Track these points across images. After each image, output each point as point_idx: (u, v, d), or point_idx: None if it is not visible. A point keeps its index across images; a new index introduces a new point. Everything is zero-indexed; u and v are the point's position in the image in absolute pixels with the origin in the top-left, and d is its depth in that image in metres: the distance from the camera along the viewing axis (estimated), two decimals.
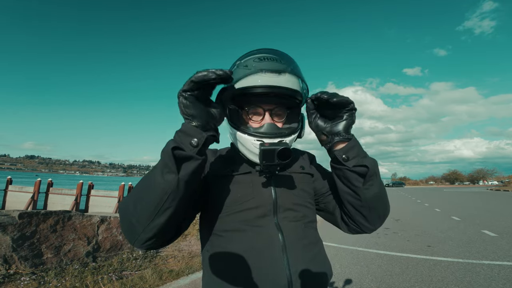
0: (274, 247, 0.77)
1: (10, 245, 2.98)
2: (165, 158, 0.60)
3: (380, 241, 6.13)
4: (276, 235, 0.79)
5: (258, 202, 0.82)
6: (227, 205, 0.82)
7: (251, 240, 0.78)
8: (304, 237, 0.83)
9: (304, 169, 0.93)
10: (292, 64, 0.83)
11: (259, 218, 0.80)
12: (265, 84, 0.78)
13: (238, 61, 0.85)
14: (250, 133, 0.80)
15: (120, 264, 3.49)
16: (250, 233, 0.79)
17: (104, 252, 3.64)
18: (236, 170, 0.85)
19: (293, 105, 0.87)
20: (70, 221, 3.50)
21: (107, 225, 3.79)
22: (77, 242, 3.44)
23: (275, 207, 0.82)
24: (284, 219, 0.82)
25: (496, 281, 3.61)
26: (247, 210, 0.81)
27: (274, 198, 0.83)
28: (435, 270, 4.12)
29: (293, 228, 0.82)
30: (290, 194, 0.86)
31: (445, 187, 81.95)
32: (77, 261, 3.33)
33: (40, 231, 3.22)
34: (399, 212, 12.25)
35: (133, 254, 3.77)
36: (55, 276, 2.93)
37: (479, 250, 5.28)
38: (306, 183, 0.91)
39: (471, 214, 11.33)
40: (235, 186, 0.83)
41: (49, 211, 3.42)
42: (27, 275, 2.87)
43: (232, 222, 0.80)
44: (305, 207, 0.87)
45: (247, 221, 0.80)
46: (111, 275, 3.13)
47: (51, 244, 3.25)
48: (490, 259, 4.63)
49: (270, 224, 0.80)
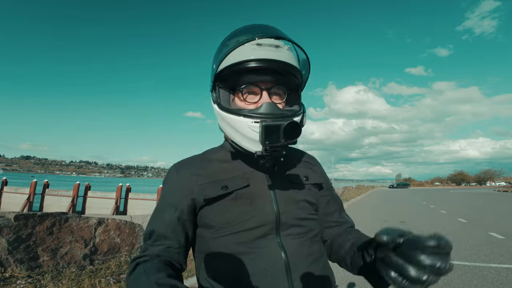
0: (277, 270, 0.69)
1: (5, 247, 2.99)
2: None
3: None
4: (279, 256, 0.70)
5: (259, 221, 0.71)
6: (222, 226, 0.72)
7: (250, 264, 0.69)
8: (309, 254, 0.74)
9: (308, 180, 0.82)
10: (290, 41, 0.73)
11: (260, 238, 0.71)
12: (263, 57, 0.67)
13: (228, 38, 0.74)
14: (246, 115, 0.68)
15: (118, 267, 3.50)
16: (250, 256, 0.69)
17: (102, 255, 3.65)
18: (230, 185, 0.73)
19: (293, 86, 0.77)
20: (66, 223, 3.51)
21: (104, 227, 3.80)
22: (74, 244, 3.45)
23: (278, 225, 0.72)
24: (288, 236, 0.73)
25: (504, 285, 3.61)
26: (246, 231, 0.70)
27: (276, 215, 0.72)
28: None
29: (297, 245, 0.73)
30: (294, 208, 0.75)
31: (451, 188, 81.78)
32: (74, 264, 3.34)
33: (36, 233, 3.23)
34: (404, 213, 12.24)
35: (131, 257, 3.78)
36: (52, 279, 2.94)
37: (486, 253, 5.27)
38: (311, 194, 0.81)
39: (478, 216, 11.29)
40: (232, 204, 0.72)
41: (45, 213, 3.43)
42: (23, 278, 2.88)
43: (228, 244, 0.71)
44: (310, 220, 0.78)
45: (245, 242, 0.70)
46: (109, 278, 3.13)
47: (48, 247, 3.26)
48: (498, 262, 4.62)
49: (272, 244, 0.71)
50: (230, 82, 0.75)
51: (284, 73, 0.72)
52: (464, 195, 30.32)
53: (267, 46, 0.68)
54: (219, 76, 0.74)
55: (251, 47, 0.68)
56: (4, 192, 19.66)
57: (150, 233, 0.75)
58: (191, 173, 0.77)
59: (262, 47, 0.68)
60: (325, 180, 0.89)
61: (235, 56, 0.69)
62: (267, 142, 0.62)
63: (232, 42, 0.70)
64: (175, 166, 0.81)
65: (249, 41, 0.67)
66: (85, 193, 19.71)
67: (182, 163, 0.82)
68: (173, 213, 0.74)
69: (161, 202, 0.78)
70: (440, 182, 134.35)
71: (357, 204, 17.98)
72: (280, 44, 0.71)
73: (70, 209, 18.12)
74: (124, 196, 19.84)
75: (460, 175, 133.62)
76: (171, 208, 0.75)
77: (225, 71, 0.72)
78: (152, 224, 0.76)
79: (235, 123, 0.69)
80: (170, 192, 0.77)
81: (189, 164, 0.80)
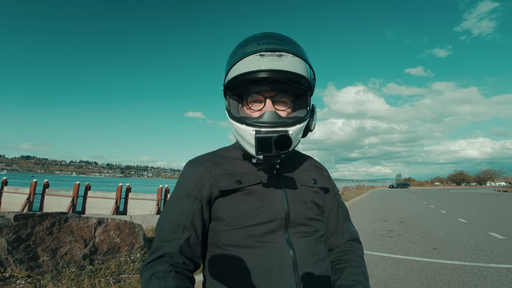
0: (285, 265, 0.71)
1: (5, 247, 2.99)
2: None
3: (384, 243, 6.13)
4: (287, 252, 0.73)
5: (270, 217, 0.75)
6: (234, 219, 0.75)
7: (259, 257, 0.72)
8: (315, 252, 0.78)
9: (316, 183, 0.86)
10: (295, 46, 0.76)
11: (269, 233, 0.74)
12: (265, 68, 0.71)
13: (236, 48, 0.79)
14: (248, 123, 0.73)
15: (117, 267, 3.50)
16: (259, 249, 0.73)
17: (102, 255, 3.65)
18: (244, 180, 0.77)
19: (299, 92, 0.80)
20: (66, 223, 3.51)
21: (104, 227, 3.80)
22: (73, 244, 3.45)
23: (287, 222, 0.76)
24: (295, 234, 0.76)
25: (504, 285, 3.61)
26: (256, 226, 0.74)
27: (286, 212, 0.76)
28: (441, 273, 4.11)
29: (304, 243, 0.76)
30: (302, 208, 0.79)
31: (452, 188, 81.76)
32: (74, 264, 3.34)
33: (36, 233, 3.23)
34: (404, 214, 12.23)
35: (131, 257, 3.78)
36: (51, 279, 2.94)
37: (486, 253, 5.27)
38: (318, 197, 0.85)
39: (478, 216, 11.30)
40: (244, 199, 0.76)
41: (45, 213, 3.43)
42: (23, 278, 2.88)
43: (238, 237, 0.74)
44: (317, 221, 0.82)
45: (255, 236, 0.73)
46: (109, 278, 3.13)
47: (47, 247, 3.26)
48: (498, 262, 4.62)
49: (280, 240, 0.74)
50: (237, 91, 0.81)
51: (286, 81, 0.75)
52: (464, 195, 30.32)
53: (269, 56, 0.72)
54: (228, 85, 0.79)
55: (255, 57, 0.72)
56: (4, 192, 19.68)
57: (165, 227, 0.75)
58: (206, 167, 0.80)
59: (264, 57, 0.72)
60: (332, 186, 0.92)
61: (240, 67, 0.73)
62: (260, 152, 0.67)
63: (239, 53, 0.75)
64: (190, 162, 0.85)
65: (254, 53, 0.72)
66: (85, 193, 19.73)
67: (197, 158, 0.86)
68: (191, 203, 0.76)
69: (176, 195, 0.80)
70: (440, 182, 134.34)
71: (358, 204, 17.97)
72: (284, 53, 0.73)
73: (70, 209, 18.13)
74: (124, 196, 19.86)
75: (460, 175, 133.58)
76: (188, 199, 0.77)
77: (232, 81, 0.76)
78: (167, 217, 0.77)
79: (239, 130, 0.75)
80: (186, 185, 0.79)
81: (203, 159, 0.84)
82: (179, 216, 0.75)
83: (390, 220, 10.05)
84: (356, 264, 0.83)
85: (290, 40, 0.78)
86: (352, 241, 0.89)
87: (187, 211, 0.75)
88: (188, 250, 0.73)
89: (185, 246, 0.73)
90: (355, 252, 0.86)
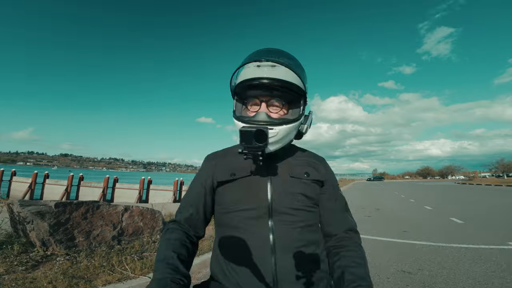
0: (263, 248, 0.72)
1: (47, 230, 2.98)
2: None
3: (362, 226, 6.11)
4: (267, 237, 0.73)
5: (254, 205, 0.76)
6: (227, 205, 0.79)
7: (245, 238, 0.74)
8: (299, 239, 0.75)
9: (309, 176, 0.81)
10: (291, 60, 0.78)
11: (253, 219, 0.75)
12: (259, 76, 0.74)
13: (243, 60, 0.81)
14: (243, 121, 0.76)
15: (141, 247, 3.49)
16: (245, 232, 0.75)
17: (127, 236, 3.64)
18: (237, 173, 0.80)
19: (290, 98, 0.80)
20: (98, 210, 3.50)
21: (130, 213, 3.79)
22: (104, 227, 3.44)
23: (270, 210, 0.75)
24: (279, 222, 0.74)
25: (463, 262, 3.60)
26: (243, 211, 0.76)
27: (269, 202, 0.75)
28: (411, 251, 4.11)
29: (287, 231, 0.74)
30: (288, 199, 0.76)
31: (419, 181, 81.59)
32: (104, 244, 3.33)
33: (73, 218, 3.23)
34: (379, 202, 12.21)
35: (152, 238, 3.78)
36: (86, 256, 2.93)
37: (448, 235, 5.26)
38: (310, 189, 0.80)
39: (441, 204, 11.30)
40: (235, 188, 0.79)
41: (80, 201, 3.42)
42: (62, 256, 2.88)
43: (231, 220, 0.77)
44: (304, 211, 0.77)
45: (241, 221, 0.76)
46: (133, 255, 3.13)
47: (82, 229, 3.25)
48: (458, 243, 4.61)
49: (262, 226, 0.74)
50: (241, 96, 0.84)
51: (278, 87, 0.76)
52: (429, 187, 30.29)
53: (265, 67, 0.74)
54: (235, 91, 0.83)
55: (254, 67, 0.75)
56: (46, 184, 19.66)
57: (182, 203, 0.85)
58: (215, 161, 0.86)
59: (260, 67, 0.75)
60: (329, 179, 0.85)
61: (242, 75, 0.78)
62: (243, 144, 0.69)
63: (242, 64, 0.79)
64: (206, 156, 0.91)
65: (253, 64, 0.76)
66: (113, 184, 19.70)
67: (211, 154, 0.91)
68: (200, 188, 0.84)
69: (193, 181, 0.88)
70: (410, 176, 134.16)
71: None
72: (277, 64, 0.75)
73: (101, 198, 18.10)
74: (146, 187, 19.82)
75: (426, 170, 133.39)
76: (198, 184, 0.85)
77: (237, 87, 0.80)
78: (185, 196, 0.87)
79: (237, 126, 0.77)
80: (199, 174, 0.87)
81: (214, 155, 0.90)
82: (190, 197, 0.85)
83: (368, 207, 10.03)
84: (354, 249, 0.75)
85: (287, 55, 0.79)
86: (349, 231, 0.80)
87: (195, 195, 0.84)
88: (191, 222, 0.81)
89: (189, 219, 0.81)
90: (352, 239, 0.78)
